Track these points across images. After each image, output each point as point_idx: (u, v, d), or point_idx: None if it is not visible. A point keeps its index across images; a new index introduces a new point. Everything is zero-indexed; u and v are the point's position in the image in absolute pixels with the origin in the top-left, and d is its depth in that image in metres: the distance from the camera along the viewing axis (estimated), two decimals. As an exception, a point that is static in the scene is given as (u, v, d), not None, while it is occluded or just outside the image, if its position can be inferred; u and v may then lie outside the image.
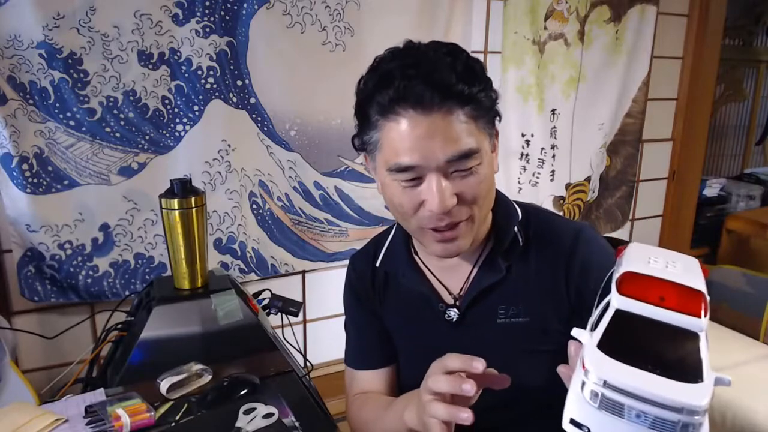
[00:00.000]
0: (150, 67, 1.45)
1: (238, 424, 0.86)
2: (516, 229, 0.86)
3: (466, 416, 0.63)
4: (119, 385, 0.98)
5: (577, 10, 2.05)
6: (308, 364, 1.37)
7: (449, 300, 0.88)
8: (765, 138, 3.39)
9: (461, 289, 0.88)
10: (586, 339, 0.47)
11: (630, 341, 0.46)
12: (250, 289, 1.29)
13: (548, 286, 0.83)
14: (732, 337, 1.99)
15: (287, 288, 1.82)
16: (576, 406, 0.45)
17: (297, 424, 0.87)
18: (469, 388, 0.64)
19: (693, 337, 0.46)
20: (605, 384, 0.43)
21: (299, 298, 1.81)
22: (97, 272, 1.49)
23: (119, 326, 1.13)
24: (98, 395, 0.94)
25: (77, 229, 1.45)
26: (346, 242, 1.84)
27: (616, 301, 0.48)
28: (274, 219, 1.72)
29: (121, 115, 1.45)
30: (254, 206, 1.68)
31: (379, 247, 0.96)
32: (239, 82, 1.57)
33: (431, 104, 0.71)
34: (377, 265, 0.94)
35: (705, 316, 0.46)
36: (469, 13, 1.87)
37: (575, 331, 0.50)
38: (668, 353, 0.45)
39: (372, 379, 0.96)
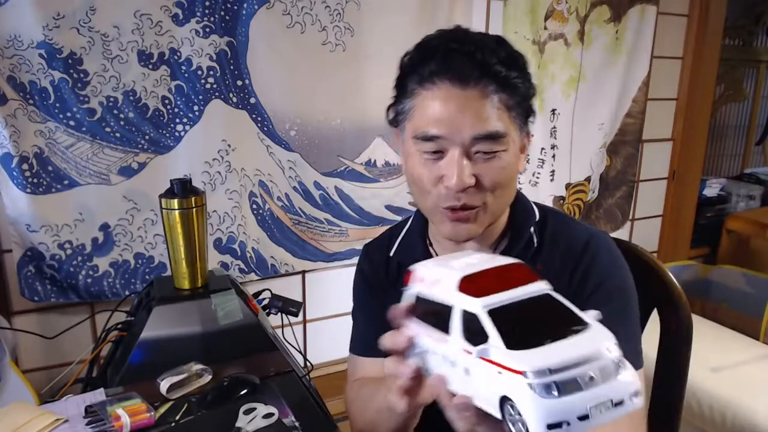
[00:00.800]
0: (150, 67, 1.45)
1: (238, 424, 0.86)
2: (532, 230, 0.86)
3: (402, 339, 0.57)
4: (119, 385, 0.98)
5: (577, 10, 2.05)
6: (308, 364, 1.37)
7: None
8: (765, 138, 3.39)
9: None
10: (494, 352, 0.46)
11: (517, 330, 0.46)
12: (250, 289, 1.29)
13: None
14: (732, 337, 1.99)
15: (287, 288, 1.82)
16: (540, 410, 0.42)
17: (297, 424, 0.87)
18: (403, 340, 0.58)
19: (549, 298, 0.50)
20: (550, 371, 0.43)
21: (299, 298, 1.81)
22: (97, 272, 1.49)
23: (119, 326, 1.13)
24: (98, 395, 0.94)
25: (77, 229, 1.45)
26: (346, 242, 1.84)
27: (479, 304, 0.48)
28: (274, 219, 1.72)
29: (121, 115, 1.45)
30: (254, 206, 1.68)
31: (394, 238, 0.95)
32: (239, 82, 1.57)
33: (468, 79, 0.72)
34: (391, 255, 0.94)
35: (541, 278, 0.51)
36: (469, 13, 1.87)
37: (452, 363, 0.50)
38: (548, 321, 0.48)
39: (377, 368, 0.94)
